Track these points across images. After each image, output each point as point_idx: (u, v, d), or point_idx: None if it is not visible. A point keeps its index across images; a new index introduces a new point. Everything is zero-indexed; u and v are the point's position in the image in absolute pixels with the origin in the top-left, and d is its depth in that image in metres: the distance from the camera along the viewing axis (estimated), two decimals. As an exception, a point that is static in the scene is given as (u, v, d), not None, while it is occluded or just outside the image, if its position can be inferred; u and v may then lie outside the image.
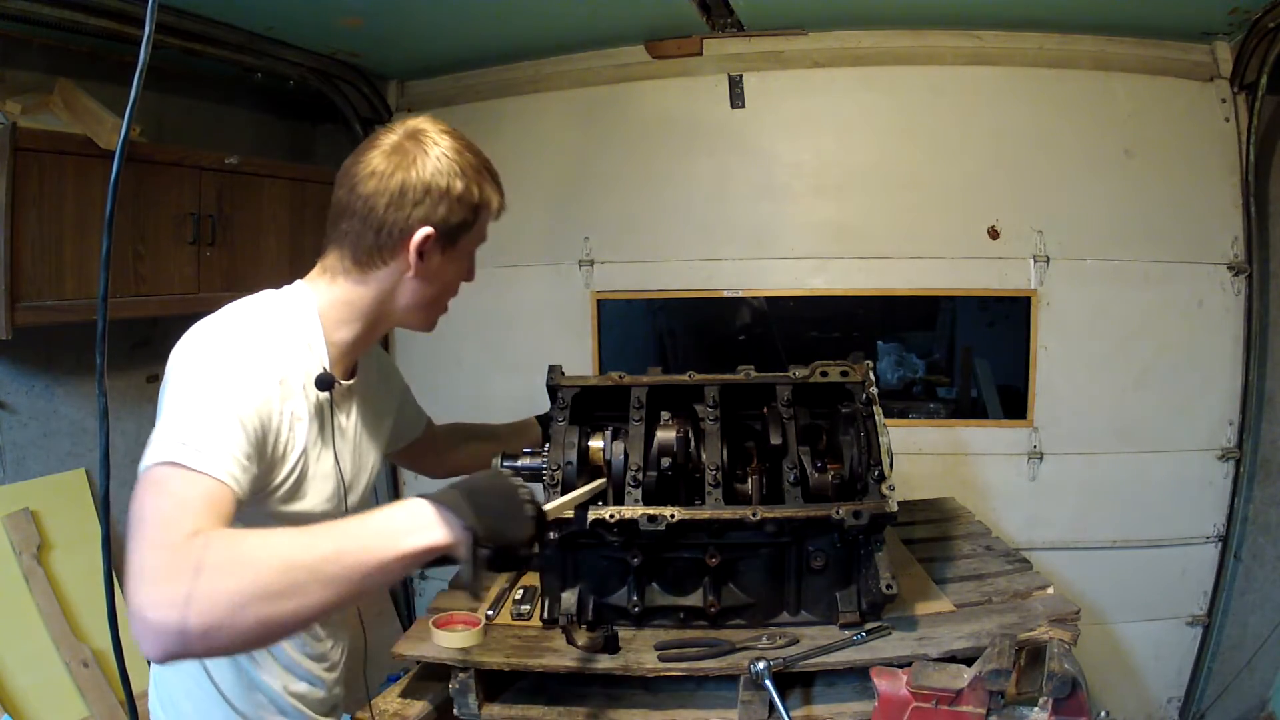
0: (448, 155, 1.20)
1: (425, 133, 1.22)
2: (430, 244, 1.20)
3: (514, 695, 1.48)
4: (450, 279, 1.29)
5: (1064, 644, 1.26)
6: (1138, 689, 2.73)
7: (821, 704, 1.42)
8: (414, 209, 1.18)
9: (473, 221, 1.24)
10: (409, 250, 1.19)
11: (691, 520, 1.45)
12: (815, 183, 2.74)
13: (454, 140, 1.23)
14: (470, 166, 1.22)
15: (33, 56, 2.21)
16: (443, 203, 1.19)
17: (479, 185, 1.23)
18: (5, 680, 2.00)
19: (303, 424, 1.17)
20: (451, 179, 1.19)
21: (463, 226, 1.23)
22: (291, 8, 2.29)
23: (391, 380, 1.55)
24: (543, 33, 2.71)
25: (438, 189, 1.18)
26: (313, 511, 1.20)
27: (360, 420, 1.35)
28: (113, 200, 0.83)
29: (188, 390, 1.03)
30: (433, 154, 1.19)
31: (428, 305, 1.29)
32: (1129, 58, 2.59)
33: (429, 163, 1.19)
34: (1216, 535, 2.62)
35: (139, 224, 2.23)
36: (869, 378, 1.62)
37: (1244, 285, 2.55)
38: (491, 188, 1.26)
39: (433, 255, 1.22)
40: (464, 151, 1.23)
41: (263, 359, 1.11)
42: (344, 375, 1.28)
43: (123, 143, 0.83)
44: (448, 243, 1.23)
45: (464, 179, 1.20)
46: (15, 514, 2.12)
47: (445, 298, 1.32)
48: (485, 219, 1.27)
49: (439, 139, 1.21)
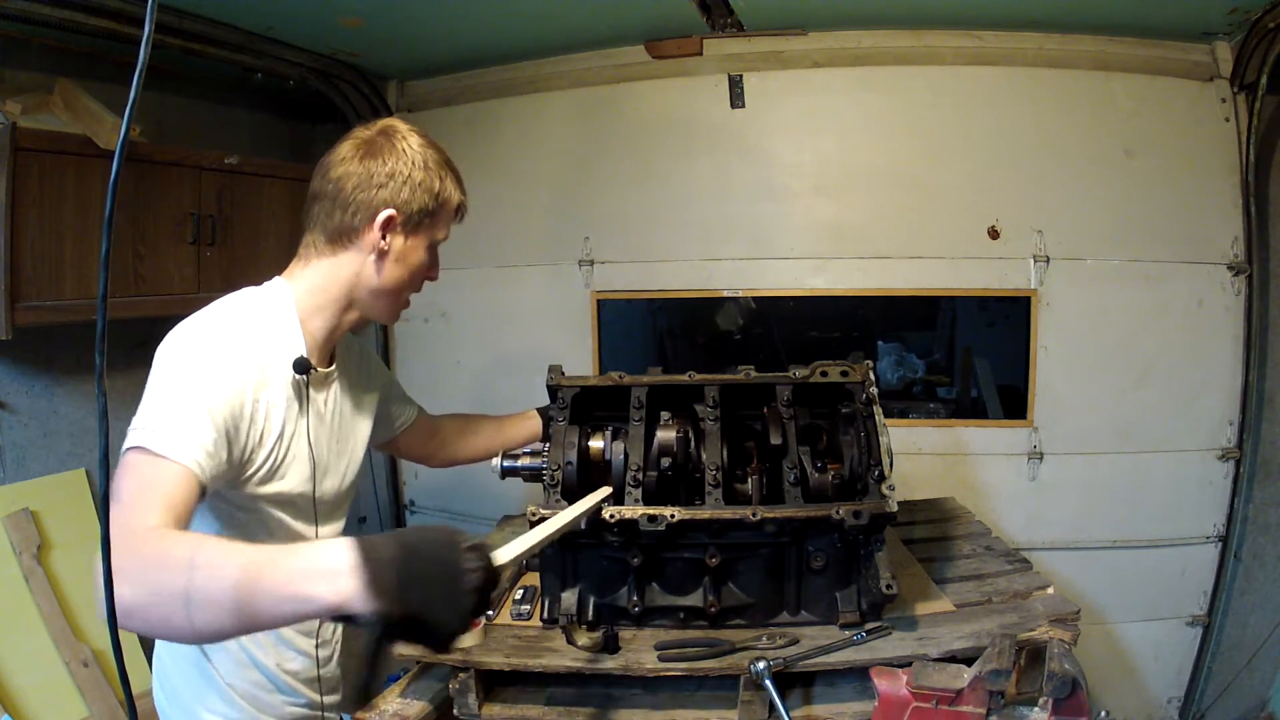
0: (413, 149, 1.31)
1: (395, 129, 1.33)
2: (394, 225, 1.30)
3: (514, 695, 1.48)
4: (413, 267, 1.35)
5: (1064, 644, 1.25)
6: (1138, 689, 2.73)
7: (821, 704, 1.42)
8: (379, 191, 1.28)
9: (434, 210, 1.33)
10: (374, 229, 1.29)
11: (691, 520, 1.45)
12: (815, 183, 2.74)
13: (421, 138, 1.34)
14: (434, 161, 1.33)
15: (33, 56, 2.22)
16: (405, 187, 1.29)
17: (441, 178, 1.33)
18: (5, 680, 2.00)
19: (279, 409, 1.25)
20: (414, 168, 1.30)
21: (424, 213, 1.32)
22: (291, 8, 2.29)
23: (374, 370, 1.62)
24: (543, 33, 2.71)
25: (401, 174, 1.29)
26: (290, 492, 1.29)
27: (339, 406, 1.42)
28: (113, 200, 0.83)
29: (163, 382, 1.13)
30: (399, 146, 1.31)
31: (391, 291, 1.35)
32: (1129, 58, 2.59)
33: (395, 153, 1.30)
34: (1216, 535, 2.62)
35: (139, 224, 2.23)
36: (869, 378, 1.62)
37: (1244, 285, 2.55)
38: (453, 184, 1.36)
39: (396, 237, 1.31)
40: (429, 149, 1.34)
41: (237, 350, 1.20)
42: (322, 363, 1.37)
43: (123, 143, 0.83)
44: (410, 227, 1.32)
45: (426, 170, 1.31)
46: (15, 514, 2.12)
47: (408, 287, 1.38)
48: (446, 212, 1.36)
49: (407, 135, 1.33)
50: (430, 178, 1.31)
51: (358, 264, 1.32)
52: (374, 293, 1.35)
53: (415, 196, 1.30)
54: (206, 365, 1.15)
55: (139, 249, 2.23)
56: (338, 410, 1.42)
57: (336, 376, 1.42)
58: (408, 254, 1.33)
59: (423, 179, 1.30)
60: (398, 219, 1.30)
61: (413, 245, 1.34)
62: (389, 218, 1.29)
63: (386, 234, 1.30)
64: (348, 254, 1.32)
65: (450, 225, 1.40)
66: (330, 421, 1.40)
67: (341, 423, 1.43)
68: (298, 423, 1.30)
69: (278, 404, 1.25)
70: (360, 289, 1.34)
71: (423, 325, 3.17)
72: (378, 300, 1.36)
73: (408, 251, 1.33)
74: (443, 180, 1.33)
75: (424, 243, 1.35)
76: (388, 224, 1.29)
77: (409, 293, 1.40)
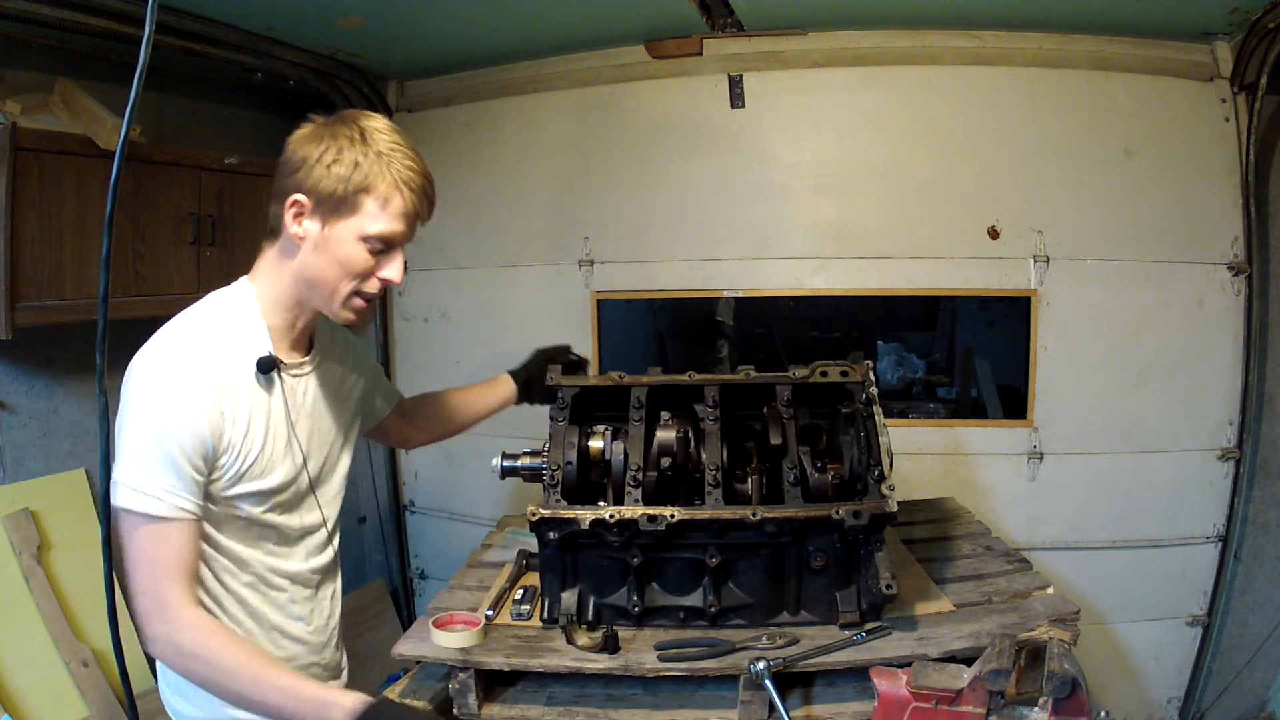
0: (350, 137, 1.24)
1: (352, 116, 1.28)
2: (303, 209, 1.25)
3: (514, 695, 1.48)
4: (340, 258, 1.27)
5: (1064, 644, 1.26)
6: (1138, 689, 2.73)
7: (821, 704, 1.42)
8: (294, 174, 1.25)
9: (348, 195, 1.23)
10: (285, 213, 1.26)
11: (691, 520, 1.45)
12: (815, 183, 2.74)
13: (373, 132, 1.25)
14: (374, 149, 1.24)
15: (33, 56, 2.21)
16: (317, 169, 1.23)
17: (364, 166, 1.23)
18: (5, 680, 2.00)
19: (251, 410, 1.27)
20: (331, 153, 1.23)
21: (336, 198, 1.23)
22: (291, 8, 2.29)
23: (358, 357, 1.60)
24: (543, 33, 2.70)
25: (313, 158, 1.23)
26: (275, 486, 1.32)
27: (320, 393, 1.43)
28: (113, 200, 0.83)
29: (134, 428, 1.17)
30: (339, 131, 1.25)
31: (320, 283, 1.29)
32: (1129, 58, 2.59)
33: (324, 140, 1.24)
34: (1216, 535, 2.62)
35: (139, 224, 2.23)
36: (869, 378, 1.62)
37: (1244, 285, 2.55)
38: (391, 175, 1.25)
39: (310, 221, 1.26)
40: (374, 140, 1.25)
41: (199, 373, 1.21)
42: (299, 352, 1.39)
43: (123, 143, 0.83)
44: (326, 212, 1.25)
45: (347, 156, 1.23)
46: (15, 514, 2.12)
47: (341, 278, 1.29)
48: (374, 200, 1.25)
49: (360, 123, 1.26)
50: (350, 164, 1.23)
51: (290, 252, 1.30)
52: (305, 283, 1.30)
53: (325, 180, 1.23)
54: (171, 403, 1.18)
55: (139, 249, 2.23)
56: (317, 397, 1.42)
57: (316, 365, 1.42)
58: (328, 243, 1.26)
59: (336, 161, 1.23)
60: (306, 203, 1.24)
61: (334, 235, 1.25)
62: (293, 201, 1.25)
63: (300, 219, 1.26)
64: (280, 243, 1.31)
65: (392, 220, 1.27)
66: (313, 410, 1.40)
67: (321, 409, 1.43)
68: (275, 418, 1.31)
69: (249, 406, 1.27)
70: (297, 280, 1.31)
71: (423, 325, 3.17)
72: (312, 292, 1.31)
73: (327, 240, 1.26)
74: (368, 170, 1.23)
75: (350, 233, 1.25)
76: (296, 207, 1.25)
77: (348, 286, 1.30)
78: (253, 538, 1.32)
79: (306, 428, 1.39)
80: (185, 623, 1.17)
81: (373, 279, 1.31)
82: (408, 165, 1.26)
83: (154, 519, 1.16)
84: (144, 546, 1.17)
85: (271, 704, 1.15)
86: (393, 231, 1.27)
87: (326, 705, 1.13)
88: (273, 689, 1.15)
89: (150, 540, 1.17)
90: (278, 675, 1.18)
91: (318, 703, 1.14)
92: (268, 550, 1.34)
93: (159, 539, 1.17)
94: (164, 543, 1.18)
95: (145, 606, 1.17)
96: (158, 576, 1.17)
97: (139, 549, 1.17)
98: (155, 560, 1.17)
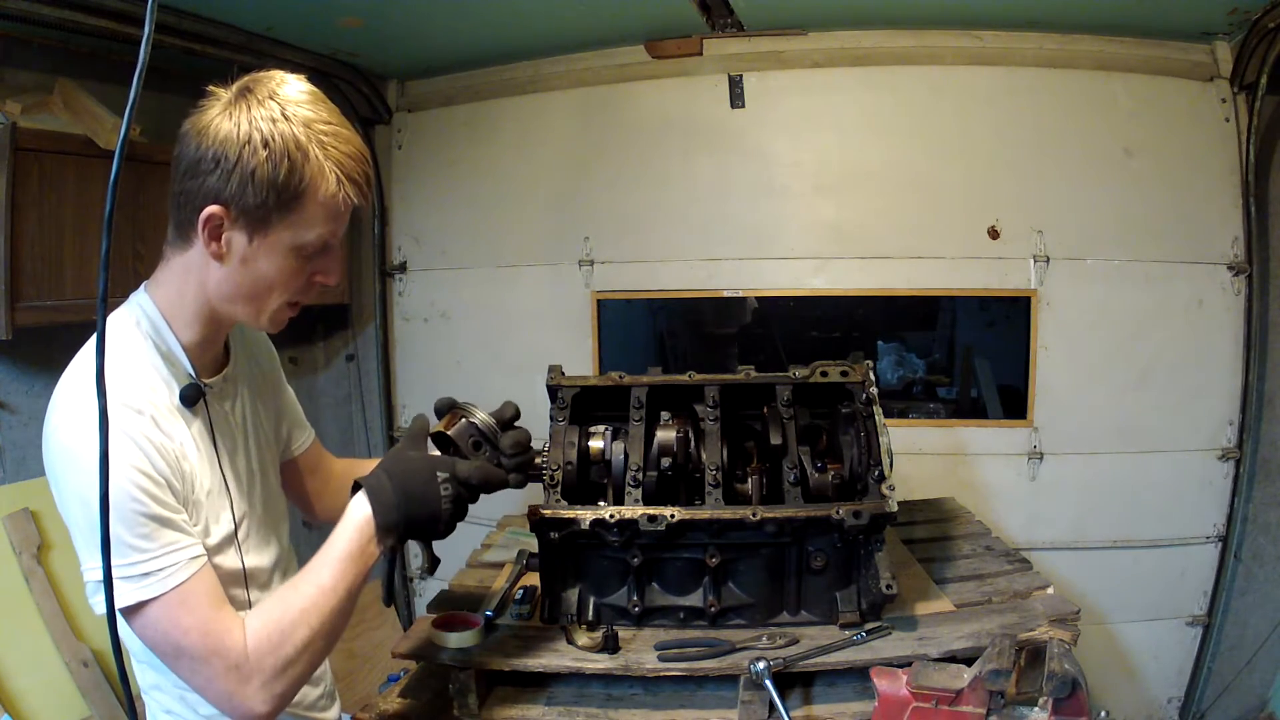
0: (271, 119, 0.99)
1: (261, 85, 1.01)
2: (224, 223, 1.02)
3: (514, 695, 1.48)
4: (271, 273, 1.06)
5: (1064, 644, 1.25)
6: (1138, 689, 2.73)
7: (821, 704, 1.42)
8: (205, 179, 1.00)
9: (282, 205, 1.01)
10: (198, 229, 1.03)
11: (691, 520, 1.45)
12: (815, 183, 2.75)
13: (295, 109, 1.01)
14: (294, 139, 0.99)
15: (33, 56, 2.21)
16: (234, 175, 0.99)
17: (296, 161, 1.00)
18: (5, 680, 2.00)
19: (192, 447, 1.10)
20: (250, 150, 0.98)
21: (266, 209, 1.01)
22: (291, 8, 2.29)
23: (262, 354, 1.37)
24: (543, 33, 2.71)
25: (229, 160, 0.98)
26: (234, 529, 1.15)
27: (248, 406, 1.26)
28: (113, 200, 0.83)
29: (87, 505, 0.94)
30: (252, 113, 0.99)
31: (250, 299, 1.09)
32: (1129, 58, 2.59)
33: (239, 126, 0.99)
34: (1216, 535, 2.62)
35: (139, 224, 2.23)
36: (869, 378, 1.62)
37: (1244, 285, 2.55)
38: (319, 170, 1.02)
39: (233, 239, 1.03)
40: (299, 121, 1.00)
41: (130, 414, 1.01)
42: (215, 369, 1.19)
43: (123, 143, 0.83)
44: (253, 225, 1.02)
45: (274, 149, 0.98)
46: (15, 514, 2.12)
47: (274, 292, 1.09)
48: (313, 205, 1.03)
49: (276, 94, 1.01)
50: (279, 163, 0.98)
51: (200, 265, 1.06)
52: (226, 300, 1.09)
53: (250, 191, 0.99)
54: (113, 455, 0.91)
55: (139, 249, 2.23)
56: (247, 411, 1.25)
57: (237, 374, 1.23)
58: (256, 257, 1.04)
59: (260, 165, 0.98)
60: (226, 217, 1.01)
61: (263, 248, 1.04)
62: (209, 215, 1.01)
63: (219, 234, 1.02)
64: (191, 252, 1.07)
65: (331, 222, 1.06)
66: (244, 426, 1.23)
67: (255, 424, 1.26)
68: (211, 450, 1.14)
69: (187, 443, 1.09)
70: (215, 296, 1.09)
71: (423, 325, 3.16)
72: (234, 307, 1.10)
73: (256, 254, 1.04)
74: (305, 162, 1.00)
75: (282, 244, 1.04)
76: (212, 221, 1.01)
77: (279, 300, 1.10)
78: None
79: (242, 445, 1.22)
80: (256, 652, 1.01)
81: (309, 287, 1.12)
82: (344, 151, 1.03)
83: (169, 591, 0.99)
84: (176, 623, 1.00)
85: (344, 582, 1.08)
86: (331, 233, 1.07)
87: (353, 524, 1.11)
88: (331, 574, 1.07)
89: (177, 615, 0.99)
90: (319, 566, 1.08)
91: (351, 531, 1.11)
92: (238, 604, 1.14)
93: (182, 608, 1.00)
94: (190, 606, 1.00)
95: (221, 687, 1.01)
96: (209, 647, 1.00)
97: (169, 632, 1.00)
98: (194, 630, 1.00)
